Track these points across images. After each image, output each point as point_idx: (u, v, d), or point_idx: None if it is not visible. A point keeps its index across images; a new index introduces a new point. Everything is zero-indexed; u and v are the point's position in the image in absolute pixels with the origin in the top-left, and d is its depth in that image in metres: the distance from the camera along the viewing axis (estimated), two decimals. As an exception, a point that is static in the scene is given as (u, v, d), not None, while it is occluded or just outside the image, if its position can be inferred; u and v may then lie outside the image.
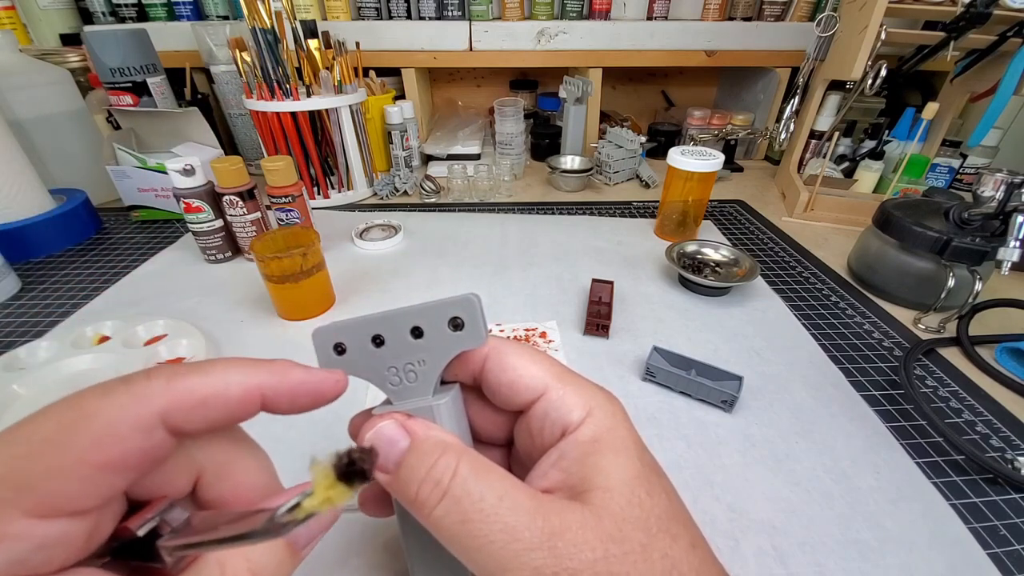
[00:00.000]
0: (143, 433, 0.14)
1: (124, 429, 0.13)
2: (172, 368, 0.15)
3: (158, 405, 0.14)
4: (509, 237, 0.68)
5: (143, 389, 0.14)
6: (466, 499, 0.15)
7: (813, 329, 0.51)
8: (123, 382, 0.14)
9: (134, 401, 0.14)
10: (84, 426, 0.13)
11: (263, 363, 0.16)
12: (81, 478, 0.13)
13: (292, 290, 0.49)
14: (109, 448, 0.13)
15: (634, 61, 0.95)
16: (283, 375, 0.16)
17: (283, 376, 0.16)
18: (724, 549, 0.30)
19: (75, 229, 0.68)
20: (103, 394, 0.13)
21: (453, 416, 0.20)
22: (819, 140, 0.88)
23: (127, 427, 0.13)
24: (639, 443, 0.18)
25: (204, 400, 0.15)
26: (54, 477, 0.12)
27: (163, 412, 0.14)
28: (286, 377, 0.16)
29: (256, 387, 0.15)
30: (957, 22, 0.64)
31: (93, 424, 0.13)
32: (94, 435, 0.13)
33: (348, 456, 0.12)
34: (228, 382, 0.15)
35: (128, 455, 0.13)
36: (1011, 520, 0.32)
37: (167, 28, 0.88)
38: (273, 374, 0.16)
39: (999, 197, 0.49)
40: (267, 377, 0.16)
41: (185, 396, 0.14)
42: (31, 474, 0.12)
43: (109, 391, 0.14)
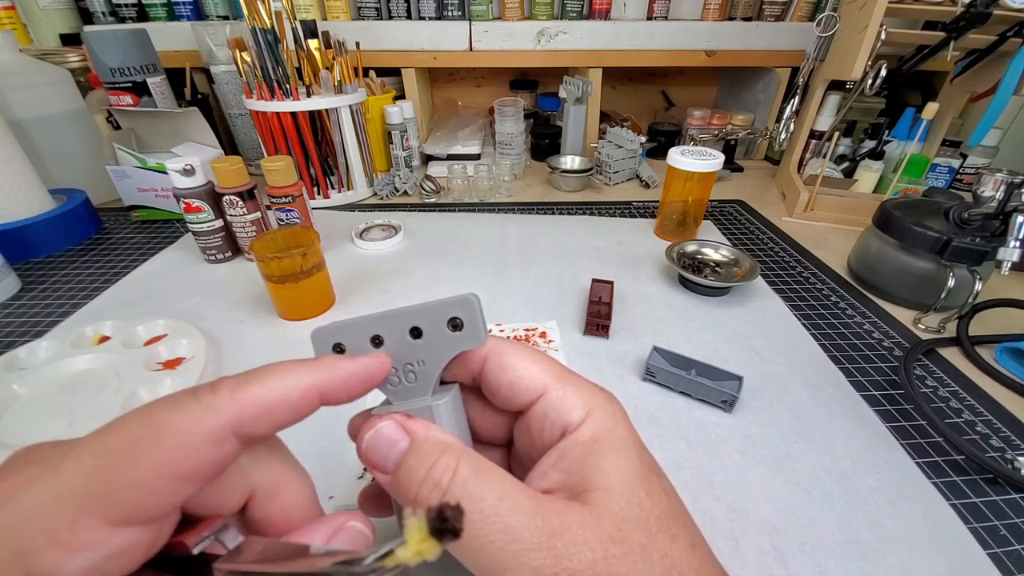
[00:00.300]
0: (215, 444, 0.14)
1: (198, 441, 0.14)
2: (235, 380, 0.15)
3: (228, 417, 0.14)
4: (509, 237, 0.68)
5: (213, 401, 0.14)
6: (465, 499, 0.15)
7: (813, 329, 0.51)
8: (192, 395, 0.15)
9: (206, 414, 0.14)
10: (160, 438, 0.13)
11: (312, 363, 0.17)
12: (158, 489, 0.13)
13: (292, 290, 0.49)
14: (184, 460, 0.14)
15: (634, 61, 0.95)
16: (333, 371, 0.17)
17: (333, 371, 0.17)
18: (724, 549, 0.30)
19: (75, 229, 0.68)
20: (175, 407, 0.14)
21: (453, 416, 0.20)
22: (819, 140, 0.88)
23: (200, 439, 0.14)
24: (639, 443, 0.18)
25: (269, 408, 0.15)
26: (134, 488, 0.13)
27: (233, 423, 0.15)
28: (336, 372, 0.17)
29: (313, 387, 0.16)
30: (957, 22, 0.64)
31: (168, 436, 0.13)
32: (170, 447, 0.13)
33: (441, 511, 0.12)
34: (287, 387, 0.16)
35: (201, 466, 0.14)
36: (1011, 520, 0.32)
37: (167, 28, 0.88)
38: (324, 371, 0.17)
39: (999, 197, 0.49)
40: (320, 376, 0.16)
41: (251, 406, 0.15)
42: (113, 485, 0.13)
43: (180, 404, 0.14)
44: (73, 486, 0.12)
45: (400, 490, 0.17)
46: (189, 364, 0.44)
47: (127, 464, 0.13)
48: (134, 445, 0.13)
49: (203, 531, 0.15)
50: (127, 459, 0.13)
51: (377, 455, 0.17)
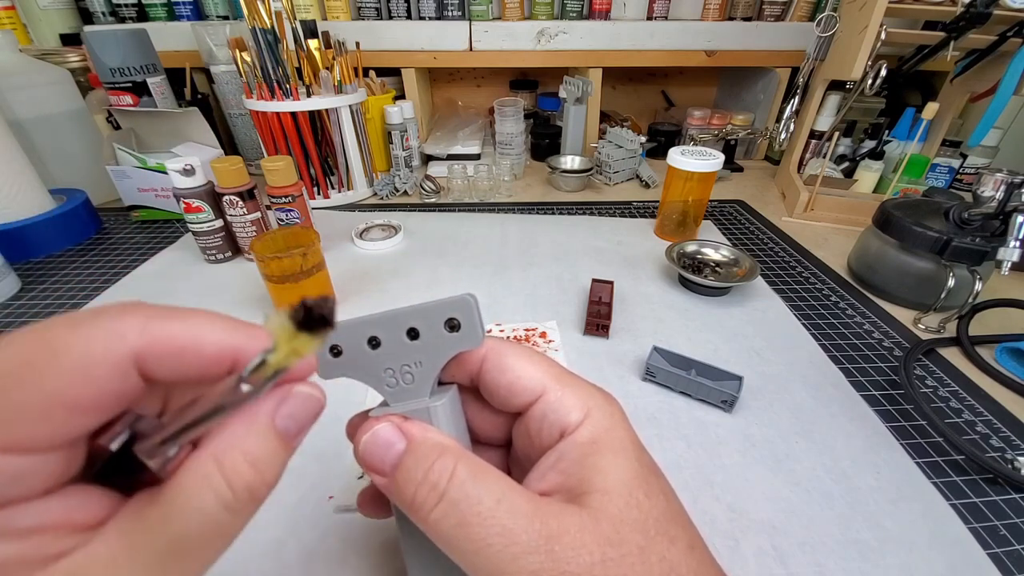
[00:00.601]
0: (117, 375, 0.13)
1: (96, 369, 0.12)
2: (153, 309, 0.13)
3: (132, 345, 0.13)
4: (509, 237, 0.68)
5: (117, 325, 0.13)
6: (463, 502, 0.15)
7: (813, 329, 0.51)
8: (93, 315, 0.13)
9: (107, 337, 0.12)
10: (53, 363, 0.12)
11: (243, 326, 0.15)
12: (50, 419, 0.12)
13: (292, 290, 0.49)
14: (80, 389, 0.12)
15: (634, 61, 0.95)
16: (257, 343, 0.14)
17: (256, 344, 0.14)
18: (724, 549, 0.30)
19: (75, 229, 0.68)
20: (72, 326, 0.12)
21: (451, 418, 0.20)
22: (819, 140, 0.88)
23: (99, 367, 0.12)
24: (637, 444, 0.18)
25: (180, 350, 0.13)
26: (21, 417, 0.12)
27: (137, 354, 0.13)
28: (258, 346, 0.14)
29: (232, 349, 0.14)
30: (957, 22, 0.64)
31: (63, 361, 0.12)
32: (64, 374, 0.12)
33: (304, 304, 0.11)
34: (204, 337, 0.14)
35: (101, 397, 0.13)
36: (1011, 520, 0.32)
37: (167, 28, 0.88)
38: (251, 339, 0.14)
39: (999, 197, 0.49)
40: (244, 341, 0.14)
41: (161, 341, 0.13)
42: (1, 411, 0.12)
43: (78, 323, 0.12)
44: None
45: (397, 492, 0.17)
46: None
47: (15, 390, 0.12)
48: (23, 368, 0.12)
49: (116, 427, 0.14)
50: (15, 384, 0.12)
51: (374, 457, 0.17)
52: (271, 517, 0.31)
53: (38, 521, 0.12)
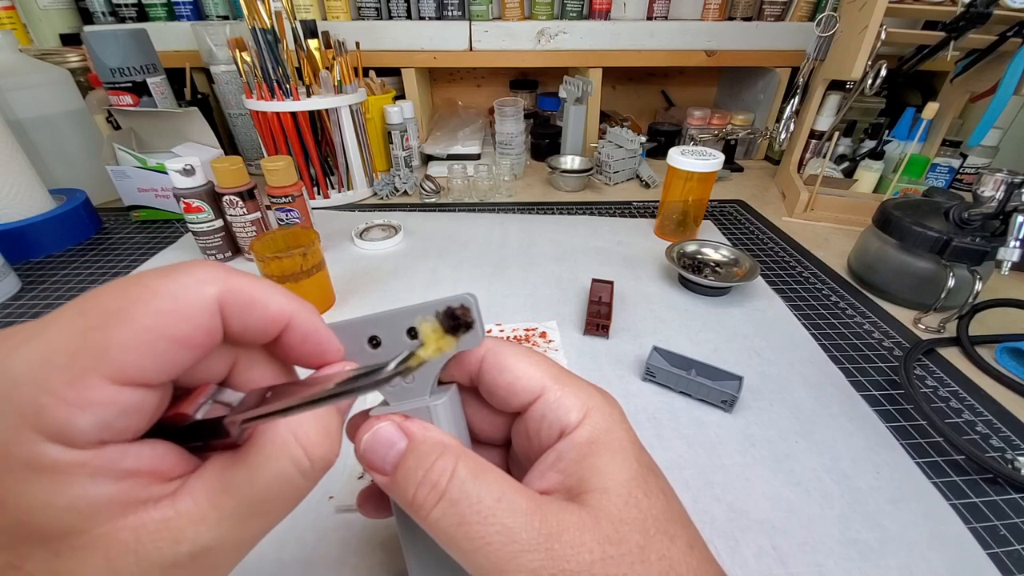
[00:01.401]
0: (207, 315, 0.14)
1: (189, 307, 0.14)
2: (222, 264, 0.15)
3: (216, 291, 0.14)
4: (509, 237, 0.68)
5: (203, 272, 0.14)
6: (463, 501, 0.15)
7: (813, 329, 0.51)
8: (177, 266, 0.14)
9: (196, 283, 0.14)
10: (154, 302, 0.13)
11: (295, 296, 0.17)
12: (154, 350, 0.13)
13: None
14: (177, 323, 0.13)
15: (634, 61, 0.95)
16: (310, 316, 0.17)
17: (309, 317, 0.17)
18: (724, 549, 0.30)
19: (75, 229, 0.68)
20: (162, 275, 0.14)
21: (451, 417, 0.20)
22: (819, 140, 0.88)
23: (191, 305, 0.14)
24: (636, 444, 0.18)
25: (251, 303, 0.15)
26: (130, 347, 0.13)
27: (220, 298, 0.14)
28: (310, 319, 0.17)
29: (289, 311, 0.16)
30: (957, 22, 0.64)
31: (160, 300, 0.13)
32: (164, 312, 0.13)
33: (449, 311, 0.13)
34: (269, 296, 0.16)
35: (195, 333, 0.14)
36: (1011, 520, 0.32)
37: (167, 28, 0.88)
38: (303, 310, 0.17)
39: (999, 197, 0.49)
40: (298, 309, 0.16)
41: (237, 292, 0.15)
42: (108, 343, 0.12)
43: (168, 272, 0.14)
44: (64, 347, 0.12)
45: (398, 491, 0.17)
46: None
47: (124, 323, 0.13)
48: (130, 304, 0.13)
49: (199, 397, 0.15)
50: (124, 318, 0.13)
51: (375, 456, 0.17)
52: (271, 517, 0.31)
53: (134, 464, 0.13)
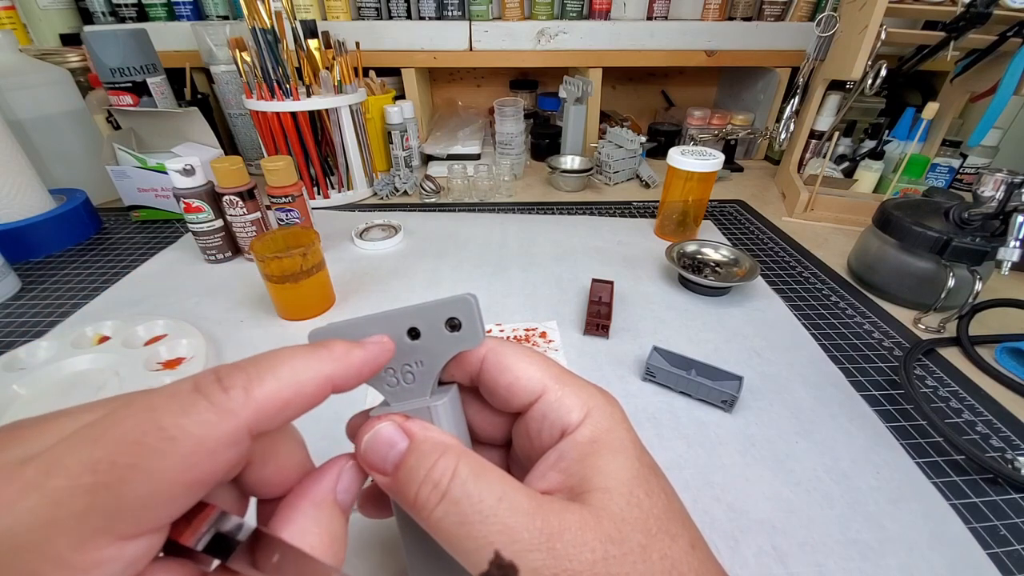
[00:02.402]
0: (232, 447, 0.13)
1: (213, 446, 0.13)
2: (244, 374, 0.14)
3: (244, 419, 0.13)
4: (509, 237, 0.68)
5: (227, 403, 0.13)
6: (465, 500, 0.15)
7: (813, 329, 0.51)
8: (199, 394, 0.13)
9: (222, 419, 0.13)
10: (173, 449, 0.12)
11: (323, 350, 0.16)
12: (171, 498, 0.13)
13: (292, 290, 0.49)
14: (200, 466, 0.13)
15: (634, 61, 0.95)
16: (346, 360, 0.16)
17: (346, 361, 0.16)
18: (724, 549, 0.30)
19: (75, 229, 0.68)
20: (182, 411, 0.13)
21: (451, 417, 0.20)
22: (819, 140, 0.88)
23: (216, 445, 0.13)
24: (637, 444, 0.18)
25: (285, 404, 0.14)
26: (147, 502, 0.12)
27: (250, 425, 0.14)
28: (349, 361, 0.16)
29: (327, 378, 0.16)
30: (957, 22, 0.64)
31: (180, 446, 0.12)
32: (183, 457, 0.12)
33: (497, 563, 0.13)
34: (301, 380, 0.15)
35: (216, 470, 0.13)
36: (1011, 520, 0.32)
37: (167, 28, 0.88)
38: (337, 362, 0.16)
39: (999, 197, 0.49)
40: (333, 366, 0.16)
41: (267, 405, 0.14)
42: (123, 502, 0.12)
43: (189, 407, 0.13)
44: (75, 507, 0.11)
45: (399, 491, 0.17)
46: (189, 364, 0.44)
47: (136, 479, 0.12)
48: (142, 457, 0.12)
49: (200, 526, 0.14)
50: (135, 473, 0.12)
51: (376, 456, 0.17)
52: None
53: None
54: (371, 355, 0.17)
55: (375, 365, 0.17)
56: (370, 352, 0.17)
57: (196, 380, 0.14)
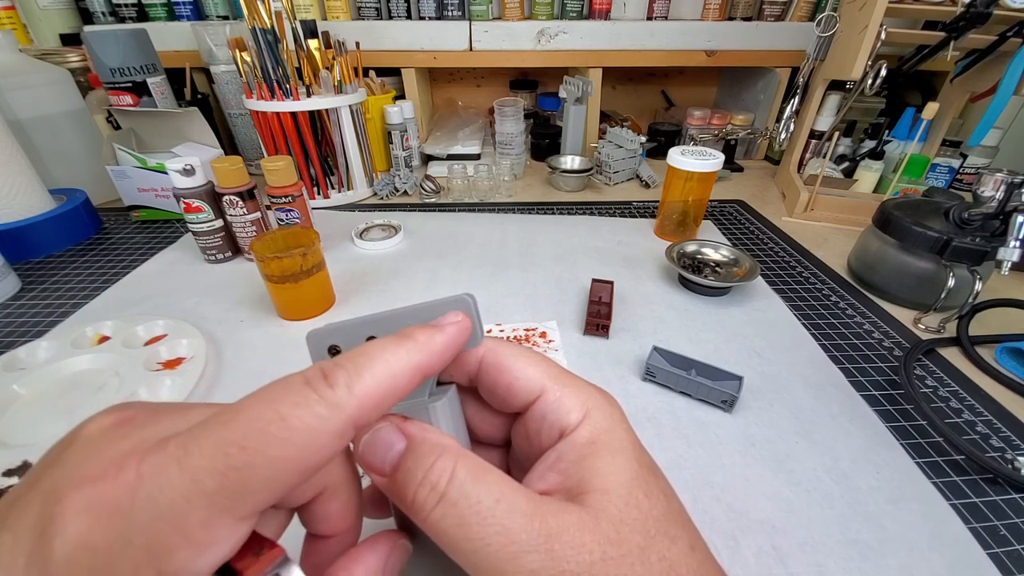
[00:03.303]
0: (339, 440, 0.14)
1: (325, 439, 0.14)
2: (345, 372, 0.15)
3: (350, 414, 0.14)
4: (509, 237, 0.68)
5: (335, 398, 0.14)
6: (463, 502, 0.15)
7: (813, 329, 0.51)
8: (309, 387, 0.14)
9: (331, 411, 0.14)
10: (292, 437, 0.13)
11: (408, 340, 0.16)
12: (286, 485, 0.13)
13: (292, 290, 0.49)
14: (312, 456, 0.14)
15: (634, 61, 0.95)
16: (431, 347, 0.17)
17: (431, 348, 0.17)
18: (724, 549, 0.30)
19: (75, 229, 0.68)
20: (297, 403, 0.14)
21: (450, 417, 0.20)
22: (819, 140, 0.88)
23: (328, 437, 0.14)
24: (637, 444, 0.18)
25: (383, 397, 0.15)
26: (264, 488, 0.13)
27: (355, 420, 0.14)
28: (434, 348, 0.17)
29: (416, 367, 0.16)
30: (957, 22, 0.64)
31: (298, 436, 0.13)
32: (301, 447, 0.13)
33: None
34: (394, 373, 0.15)
35: (323, 461, 0.14)
36: (1011, 520, 0.32)
37: (167, 28, 0.88)
38: (423, 349, 0.16)
39: (999, 197, 0.49)
40: (421, 356, 0.16)
41: (368, 400, 0.15)
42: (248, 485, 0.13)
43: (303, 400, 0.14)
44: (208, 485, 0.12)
45: (397, 492, 0.17)
46: (189, 364, 0.44)
47: (264, 463, 0.13)
48: (267, 444, 0.13)
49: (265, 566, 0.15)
50: (264, 458, 0.13)
51: (374, 457, 0.17)
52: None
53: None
54: (451, 337, 0.17)
55: (456, 346, 0.18)
56: (450, 335, 0.17)
57: (306, 376, 0.14)
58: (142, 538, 0.12)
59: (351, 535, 0.18)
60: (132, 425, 0.14)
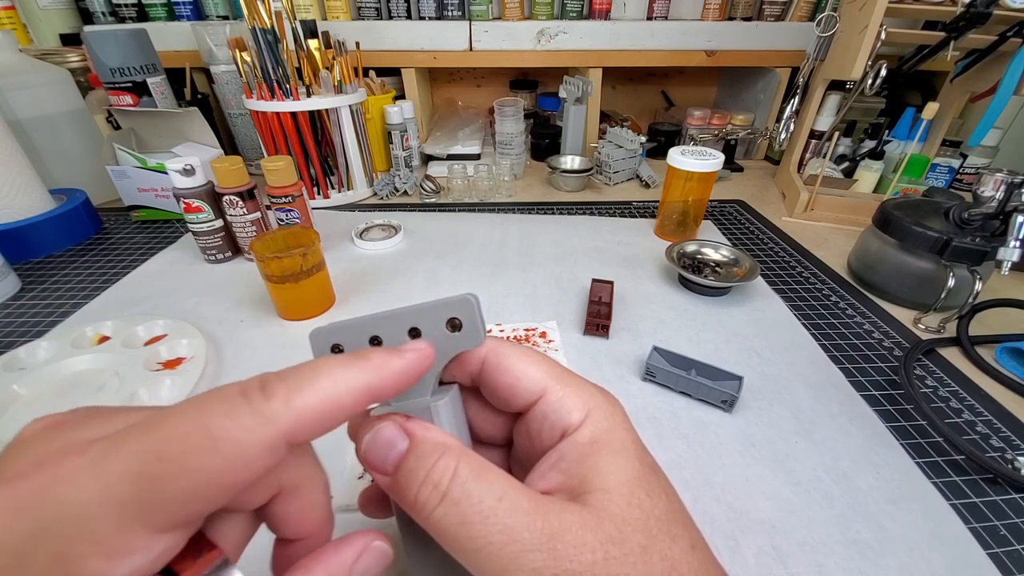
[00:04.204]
0: (269, 454, 0.14)
1: (253, 452, 0.13)
2: (285, 385, 0.14)
3: (283, 427, 0.14)
4: (509, 237, 0.68)
5: (267, 410, 0.14)
6: (465, 501, 0.15)
7: (813, 329, 0.51)
8: (244, 399, 0.14)
9: (261, 424, 0.13)
10: (215, 449, 0.13)
11: (361, 360, 0.16)
12: (207, 498, 0.13)
13: (292, 290, 0.49)
14: (237, 470, 0.13)
15: (634, 61, 0.95)
16: (384, 370, 0.16)
17: (384, 371, 0.16)
18: (724, 549, 0.30)
19: (75, 229, 0.68)
20: (226, 414, 0.13)
21: (452, 417, 0.20)
22: (819, 140, 0.88)
23: (256, 450, 0.13)
24: (639, 444, 0.18)
25: (323, 414, 0.15)
26: (185, 498, 0.13)
27: (288, 434, 0.14)
28: (388, 371, 0.16)
29: (365, 389, 0.16)
30: (957, 22, 0.64)
31: (224, 447, 0.13)
32: (224, 458, 0.13)
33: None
34: (339, 391, 0.15)
35: (252, 475, 0.14)
36: (1011, 520, 0.32)
37: (167, 28, 0.88)
38: (376, 371, 0.16)
39: (999, 197, 0.49)
40: (371, 377, 0.16)
41: (306, 415, 0.14)
42: (165, 495, 0.12)
43: (232, 411, 0.13)
44: (121, 493, 0.12)
45: (399, 491, 0.17)
46: (189, 364, 0.44)
47: (180, 474, 0.12)
48: (187, 454, 0.13)
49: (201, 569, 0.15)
50: (181, 469, 0.12)
51: (376, 456, 0.17)
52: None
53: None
54: (409, 364, 0.17)
55: (414, 373, 0.17)
56: (409, 361, 0.17)
57: (243, 386, 0.14)
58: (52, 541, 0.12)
59: (318, 538, 0.18)
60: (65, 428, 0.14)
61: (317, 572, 0.16)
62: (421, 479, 0.16)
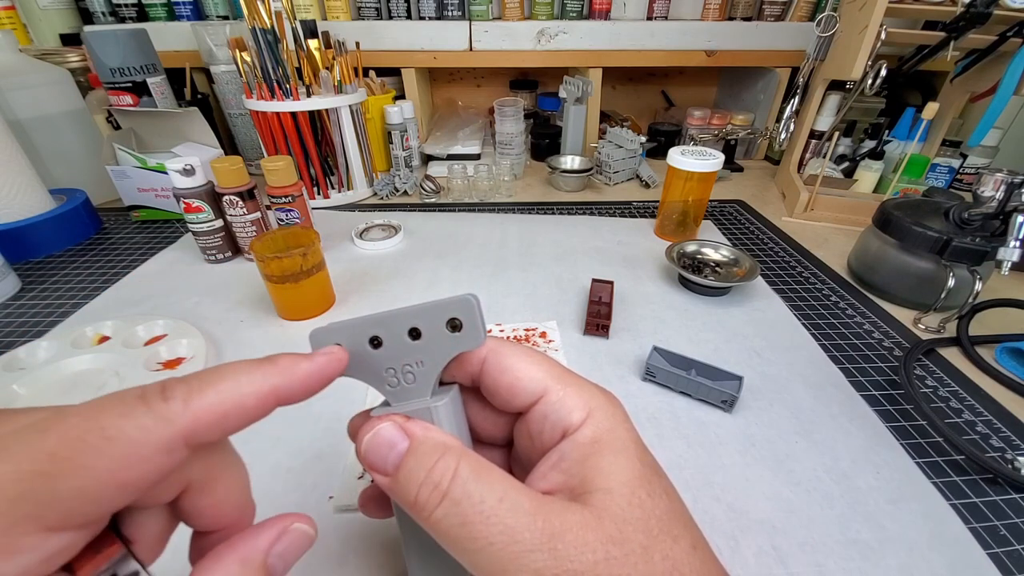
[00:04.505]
0: (166, 454, 0.14)
1: (148, 452, 0.13)
2: (186, 385, 0.15)
3: (181, 427, 0.14)
4: (509, 237, 0.68)
5: (165, 411, 0.14)
6: (465, 501, 0.15)
7: (813, 329, 0.51)
8: (142, 400, 0.14)
9: (158, 424, 0.14)
10: (109, 448, 0.13)
11: (267, 364, 0.16)
12: (101, 497, 0.13)
13: (292, 290, 0.49)
14: (132, 469, 0.13)
15: (634, 61, 0.95)
16: (290, 372, 0.16)
17: (291, 373, 0.16)
18: (724, 549, 0.30)
19: (75, 229, 0.68)
20: (123, 414, 0.13)
21: (452, 417, 0.20)
22: (819, 140, 0.88)
23: (151, 449, 0.13)
24: (639, 444, 0.18)
25: (224, 415, 0.15)
26: (77, 496, 0.12)
27: (186, 434, 0.14)
28: (294, 373, 0.16)
29: (269, 391, 0.16)
30: (957, 22, 0.64)
31: (118, 446, 0.13)
32: (118, 457, 0.13)
33: None
34: (242, 393, 0.15)
35: (149, 475, 0.14)
36: (1011, 520, 0.32)
37: (167, 28, 0.88)
38: (282, 373, 0.16)
39: (999, 197, 0.49)
40: (276, 379, 0.16)
41: (205, 415, 0.14)
42: (55, 493, 0.12)
43: (129, 411, 0.14)
44: (8, 491, 0.12)
45: (400, 492, 0.17)
46: (189, 364, 0.44)
47: (72, 472, 0.12)
48: (80, 453, 0.13)
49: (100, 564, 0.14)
50: (72, 467, 0.12)
51: (376, 457, 0.17)
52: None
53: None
54: (318, 367, 0.17)
55: (323, 377, 0.17)
56: (317, 364, 0.17)
57: (144, 389, 0.14)
58: None
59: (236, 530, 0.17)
60: None
61: (228, 559, 0.15)
62: (421, 479, 0.16)
